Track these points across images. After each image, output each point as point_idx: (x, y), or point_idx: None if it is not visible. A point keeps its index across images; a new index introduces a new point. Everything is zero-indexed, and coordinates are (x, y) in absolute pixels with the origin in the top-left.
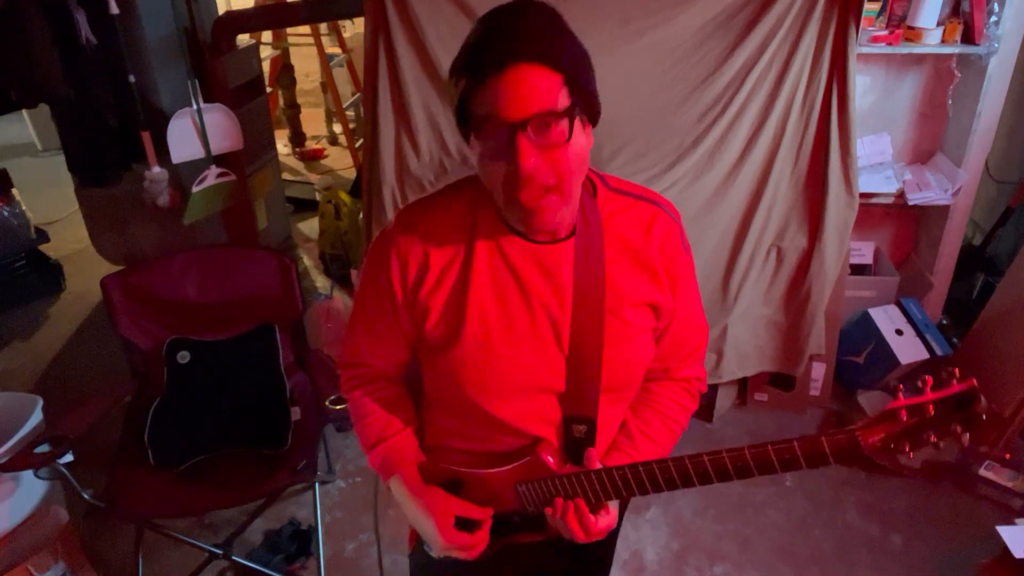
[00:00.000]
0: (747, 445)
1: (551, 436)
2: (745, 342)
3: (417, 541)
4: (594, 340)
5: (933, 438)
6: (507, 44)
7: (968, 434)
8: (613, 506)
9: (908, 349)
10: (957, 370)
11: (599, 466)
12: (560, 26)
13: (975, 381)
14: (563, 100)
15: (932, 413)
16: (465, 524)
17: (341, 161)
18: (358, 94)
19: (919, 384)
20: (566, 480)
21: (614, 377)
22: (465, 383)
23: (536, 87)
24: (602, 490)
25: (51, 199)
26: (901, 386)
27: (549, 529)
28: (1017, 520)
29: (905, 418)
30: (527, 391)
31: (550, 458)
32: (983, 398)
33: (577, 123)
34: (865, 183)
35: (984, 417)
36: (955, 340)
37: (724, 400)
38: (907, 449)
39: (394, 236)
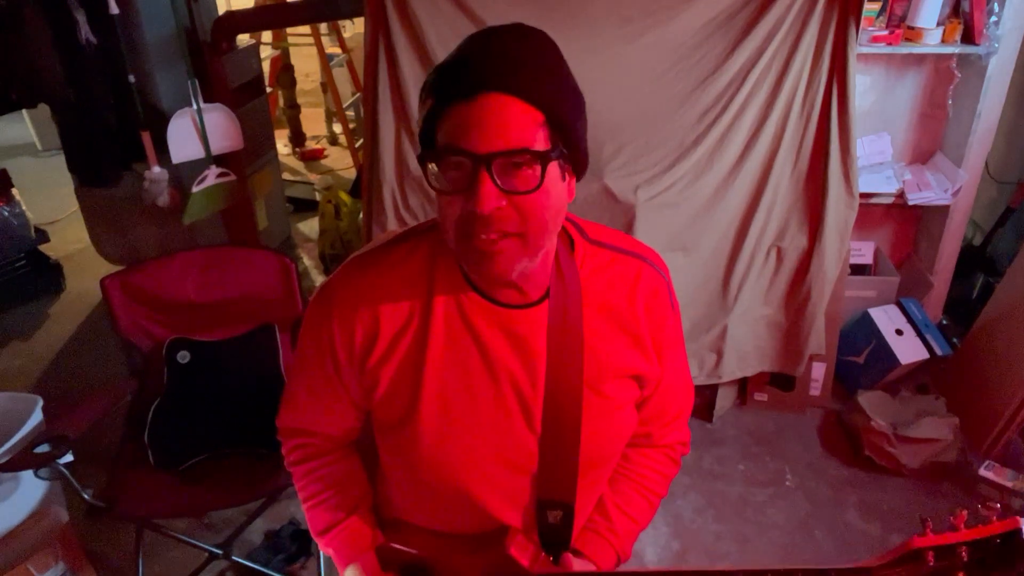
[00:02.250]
0: (742, 569)
1: (522, 519)
2: (745, 342)
3: None
4: (570, 419)
5: None
6: (485, 68)
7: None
8: None
9: (908, 349)
10: (1000, 505)
11: (578, 568)
12: (554, 62)
13: (1020, 521)
14: (540, 142)
15: (966, 558)
16: None
17: (341, 161)
18: (358, 94)
19: (951, 519)
20: None
21: (593, 457)
22: (421, 465)
23: (508, 122)
24: None
25: (51, 199)
26: (929, 521)
27: None
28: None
29: (932, 562)
30: (494, 473)
31: (521, 554)
32: None
33: (554, 171)
34: (865, 183)
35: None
36: (955, 340)
37: (724, 400)
38: None
39: (336, 294)
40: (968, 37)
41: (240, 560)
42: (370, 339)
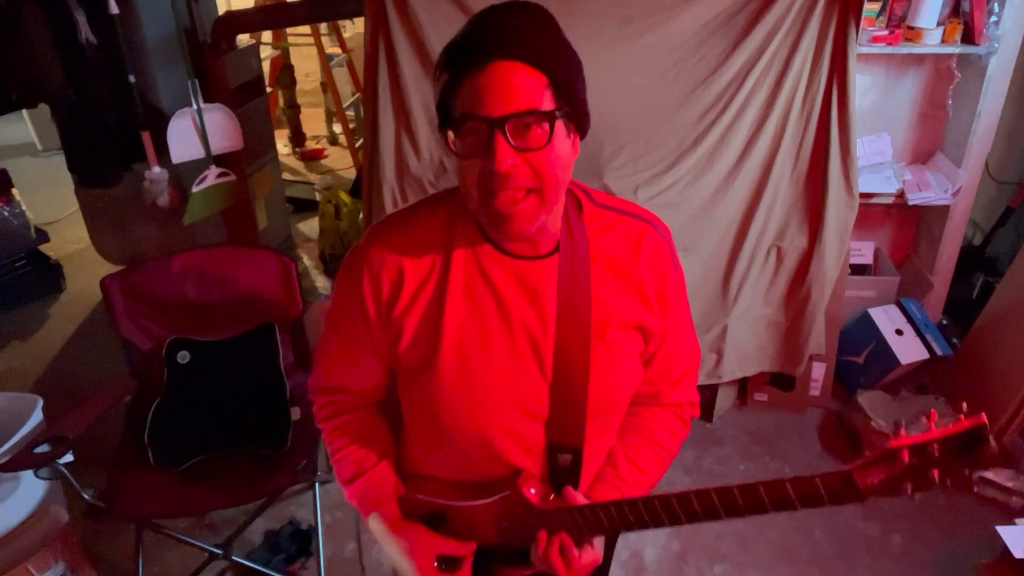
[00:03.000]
0: (737, 484)
1: (534, 465)
2: (745, 342)
3: None
4: (579, 365)
5: (938, 477)
6: (492, 40)
7: (977, 474)
8: (598, 542)
9: (908, 349)
10: (965, 404)
11: (583, 501)
12: (552, 30)
13: (984, 417)
14: (546, 102)
15: (937, 454)
16: (447, 561)
17: (341, 161)
18: (358, 94)
19: (923, 419)
20: (549, 516)
21: (600, 403)
22: (442, 409)
23: (518, 85)
24: (586, 526)
25: (51, 199)
26: (902, 423)
27: (533, 563)
28: (1017, 520)
29: (907, 459)
30: (508, 418)
31: (532, 491)
32: (992, 438)
33: (560, 128)
34: (865, 183)
35: (994, 457)
36: (955, 340)
37: (724, 400)
38: (910, 491)
39: (366, 251)
40: (968, 37)
41: (240, 560)
42: (396, 290)
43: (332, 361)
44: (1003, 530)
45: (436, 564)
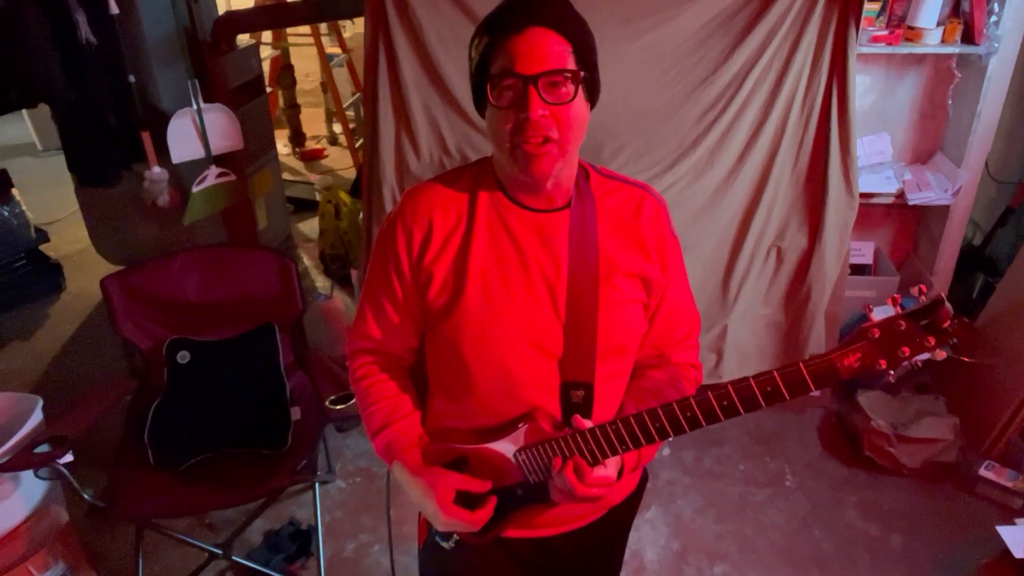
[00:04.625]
0: (729, 382)
1: (549, 402)
2: (745, 342)
3: (428, 534)
4: (589, 305)
5: (906, 351)
6: (528, 10)
7: (940, 346)
8: (611, 463)
9: None
10: (923, 287)
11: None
12: (571, 6)
13: (942, 294)
14: (571, 64)
15: (903, 327)
16: (468, 503)
17: (341, 161)
18: (358, 94)
19: (888, 302)
20: (561, 441)
21: (609, 343)
22: (465, 349)
23: (550, 48)
24: (596, 446)
25: (51, 199)
26: (871, 307)
27: (551, 495)
28: (1017, 520)
29: (877, 335)
30: (526, 355)
31: (546, 424)
32: (949, 307)
33: (581, 91)
34: (865, 183)
35: (951, 325)
36: (955, 340)
37: None
38: (884, 366)
39: (402, 209)
40: (968, 37)
41: (240, 560)
42: (426, 241)
43: (368, 324)
44: (1003, 530)
45: (456, 503)
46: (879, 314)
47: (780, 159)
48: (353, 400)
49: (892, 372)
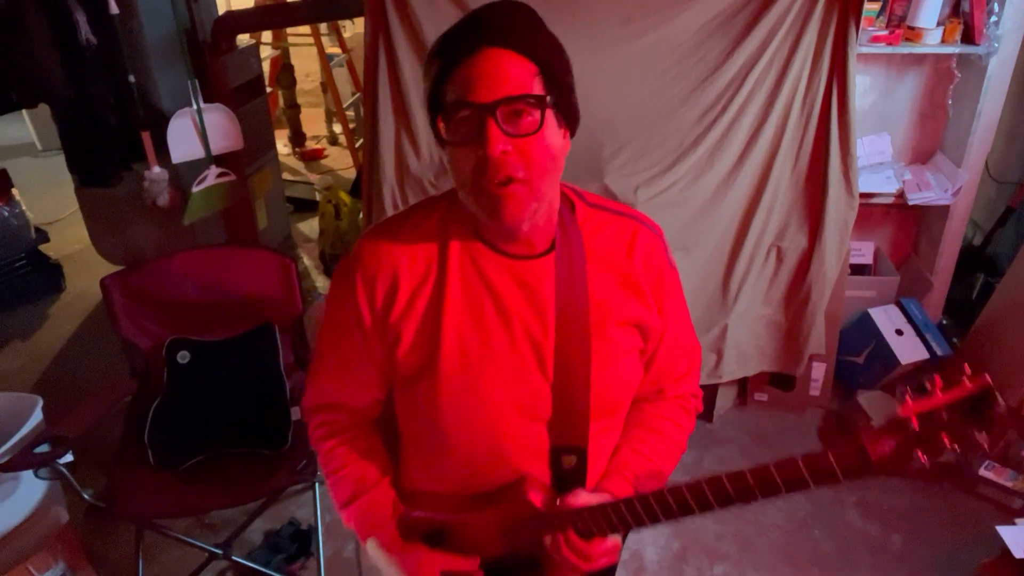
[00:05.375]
0: (748, 468)
1: (538, 469)
2: (745, 342)
3: None
4: (580, 362)
5: (948, 442)
6: (483, 30)
7: (988, 436)
8: (612, 536)
9: (908, 349)
10: (967, 366)
11: (586, 501)
12: (539, 23)
13: (989, 378)
14: (537, 88)
15: (946, 418)
16: None
17: (341, 161)
18: (358, 94)
19: (927, 386)
20: (554, 519)
21: (603, 402)
22: (443, 414)
23: (509, 72)
24: (595, 526)
25: (51, 199)
26: (908, 390)
27: (546, 568)
28: (1017, 520)
29: (917, 427)
30: (510, 420)
31: (537, 495)
32: (1000, 396)
33: (551, 118)
34: (865, 183)
35: (1003, 417)
36: (955, 340)
37: (724, 400)
38: (922, 458)
39: (359, 257)
40: (968, 37)
41: (240, 560)
42: (391, 294)
43: (328, 377)
44: (1003, 530)
45: None
46: (916, 397)
47: (780, 159)
48: None
49: (928, 461)
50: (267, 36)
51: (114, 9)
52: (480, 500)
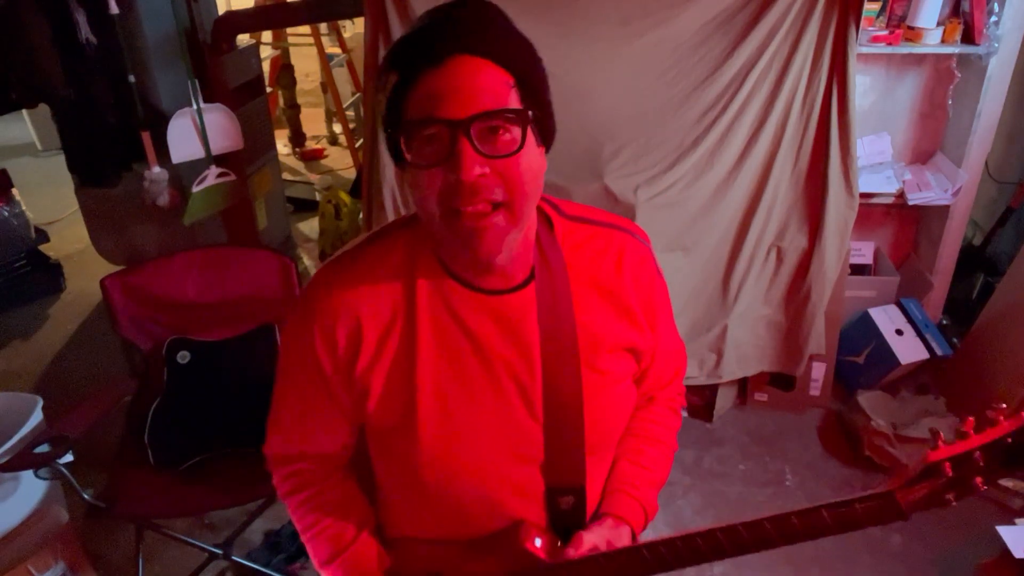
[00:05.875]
0: (766, 516)
1: (534, 512)
2: (745, 342)
3: None
4: (571, 400)
5: (983, 484)
6: (451, 34)
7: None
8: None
9: (908, 349)
10: (1005, 405)
11: (592, 545)
12: (509, 24)
13: None
14: (513, 103)
15: (982, 463)
16: None
17: (341, 161)
18: (358, 94)
19: (960, 427)
20: (560, 570)
21: (598, 436)
22: (425, 469)
23: (483, 83)
24: (606, 571)
25: (51, 199)
26: (941, 434)
27: None
28: (1017, 520)
29: (951, 472)
30: (501, 468)
31: (537, 543)
32: None
33: (530, 134)
34: (865, 183)
35: None
36: (955, 340)
37: (724, 400)
38: (953, 501)
39: (314, 302)
40: (968, 37)
41: (240, 560)
42: (354, 345)
43: (289, 425)
44: (1003, 530)
45: None
46: (949, 440)
47: (780, 159)
48: None
49: (957, 502)
50: (267, 36)
51: (114, 9)
52: (474, 547)
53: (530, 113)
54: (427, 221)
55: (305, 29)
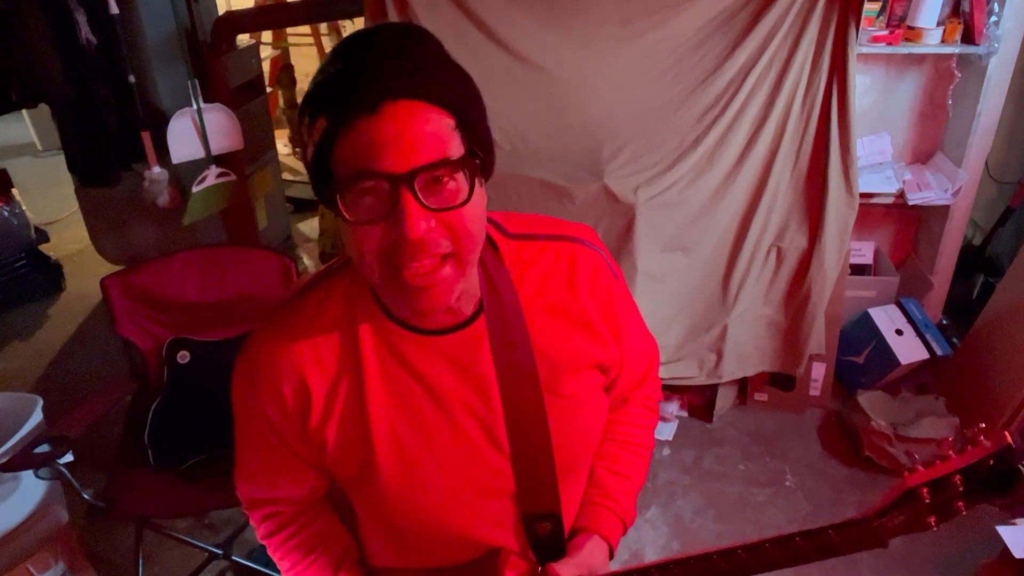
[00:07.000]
0: (740, 544)
1: (512, 539)
2: (745, 342)
3: None
4: (537, 430)
5: (963, 508)
6: (384, 75)
7: (1008, 499)
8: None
9: (908, 349)
10: (984, 424)
11: (575, 573)
12: (445, 55)
13: (1009, 437)
14: (456, 148)
15: (962, 487)
16: None
17: None
18: None
19: (947, 451)
20: None
21: (569, 460)
22: (393, 513)
23: (421, 129)
24: None
25: (51, 199)
26: (917, 457)
27: None
28: (1017, 520)
29: (928, 498)
30: (471, 504)
31: (515, 569)
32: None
33: (477, 180)
34: (865, 183)
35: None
36: (955, 340)
37: (724, 400)
38: (934, 525)
39: (256, 365)
40: (968, 37)
41: (240, 560)
42: (303, 402)
43: (254, 475)
44: (1003, 530)
45: None
46: (928, 462)
47: (780, 159)
48: None
49: (938, 526)
50: (267, 36)
51: (114, 9)
52: (455, 572)
53: (477, 160)
54: (366, 276)
55: (305, 29)
